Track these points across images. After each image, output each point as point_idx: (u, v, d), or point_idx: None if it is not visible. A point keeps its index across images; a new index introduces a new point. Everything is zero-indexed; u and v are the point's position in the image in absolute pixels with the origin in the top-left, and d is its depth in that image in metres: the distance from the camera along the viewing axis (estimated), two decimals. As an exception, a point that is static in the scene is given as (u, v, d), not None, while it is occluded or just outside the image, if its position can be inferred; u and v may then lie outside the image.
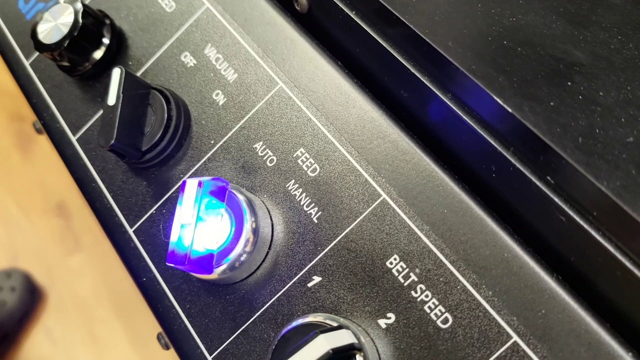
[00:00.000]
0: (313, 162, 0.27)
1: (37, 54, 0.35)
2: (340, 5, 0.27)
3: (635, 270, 0.20)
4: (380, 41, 0.26)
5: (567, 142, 0.20)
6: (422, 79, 0.24)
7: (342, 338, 0.22)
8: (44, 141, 1.28)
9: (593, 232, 0.20)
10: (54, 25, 0.31)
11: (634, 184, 0.20)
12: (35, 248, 1.22)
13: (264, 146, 0.28)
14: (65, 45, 0.30)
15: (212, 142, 0.29)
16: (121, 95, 0.28)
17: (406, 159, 0.25)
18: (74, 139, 0.32)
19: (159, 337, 0.32)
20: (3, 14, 0.37)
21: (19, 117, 1.31)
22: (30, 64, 0.35)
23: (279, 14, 0.29)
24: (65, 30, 0.31)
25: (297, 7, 0.29)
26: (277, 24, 0.29)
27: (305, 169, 0.27)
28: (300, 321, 0.23)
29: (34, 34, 0.31)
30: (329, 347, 0.21)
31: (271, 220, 0.27)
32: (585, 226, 0.21)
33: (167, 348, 0.32)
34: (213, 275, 0.25)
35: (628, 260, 0.20)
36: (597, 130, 0.21)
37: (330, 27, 0.28)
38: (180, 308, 0.27)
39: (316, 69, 0.28)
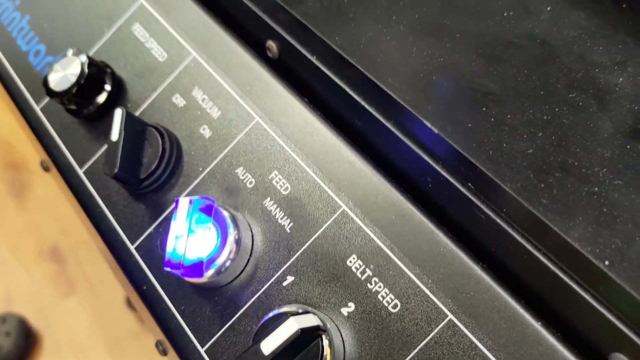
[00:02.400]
0: (285, 182, 0.32)
1: (46, 99, 0.40)
2: (304, 52, 0.33)
3: (536, 253, 0.25)
4: (336, 80, 0.31)
5: (481, 155, 0.26)
6: (369, 110, 0.30)
7: (309, 320, 0.26)
8: (37, 187, 1.32)
9: (505, 226, 0.26)
10: (63, 75, 0.36)
11: (532, 186, 0.25)
12: (30, 292, 1.25)
13: (244, 171, 0.33)
14: (74, 92, 0.36)
15: (201, 169, 0.34)
16: (123, 131, 0.33)
17: (361, 176, 0.30)
18: (80, 171, 0.37)
19: (157, 345, 0.37)
20: (15, 67, 0.43)
21: (12, 165, 1.36)
22: (41, 109, 0.40)
23: (254, 59, 0.35)
24: (73, 79, 0.36)
25: (269, 54, 0.35)
26: (253, 68, 0.35)
27: (279, 188, 0.32)
28: (275, 311, 0.28)
29: (45, 83, 0.37)
30: (298, 327, 0.26)
31: (251, 231, 0.32)
32: (499, 221, 0.26)
33: (165, 354, 0.37)
34: (203, 279, 0.30)
35: (531, 245, 0.25)
36: (504, 145, 0.26)
37: (297, 70, 0.34)
38: (176, 309, 0.32)
39: (286, 105, 0.33)
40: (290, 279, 0.30)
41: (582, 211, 0.24)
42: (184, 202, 0.30)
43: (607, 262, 0.23)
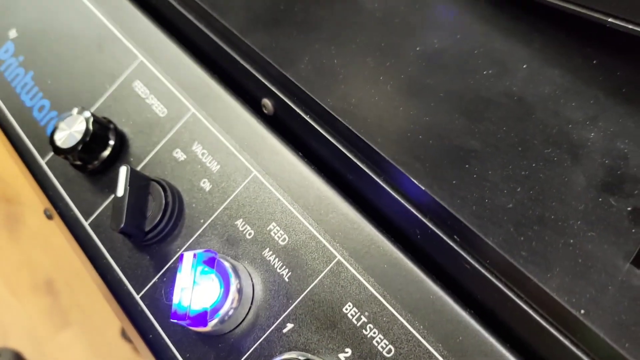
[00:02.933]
0: (283, 233, 0.34)
1: (51, 154, 0.42)
2: (297, 110, 0.35)
3: (519, 301, 0.27)
4: (328, 137, 0.33)
5: (465, 210, 0.28)
6: (361, 166, 0.32)
7: (309, 367, 0.28)
8: (30, 221, 1.33)
9: (489, 276, 0.28)
10: (69, 132, 0.38)
11: (512, 239, 0.27)
12: (25, 326, 1.25)
13: (244, 222, 0.35)
14: (79, 149, 0.38)
15: (202, 221, 0.36)
16: (128, 187, 0.35)
17: (354, 227, 0.32)
18: (86, 223, 0.39)
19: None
20: (20, 122, 0.45)
21: (5, 199, 1.37)
22: (46, 163, 0.42)
23: (252, 116, 0.37)
24: (79, 137, 0.38)
25: (265, 111, 0.37)
26: (250, 124, 0.37)
27: (277, 239, 0.34)
28: (277, 358, 0.30)
29: (52, 141, 0.38)
30: (298, 373, 0.27)
31: (252, 281, 0.33)
32: (483, 271, 0.28)
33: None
34: (207, 328, 0.32)
35: (513, 294, 0.27)
36: (486, 200, 0.28)
37: (292, 126, 0.36)
38: (181, 357, 0.33)
39: (282, 159, 0.35)
40: (289, 326, 0.32)
41: (559, 262, 0.26)
42: (188, 256, 0.32)
43: (582, 311, 0.25)
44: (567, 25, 0.36)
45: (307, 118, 0.34)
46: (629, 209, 0.28)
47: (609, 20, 0.32)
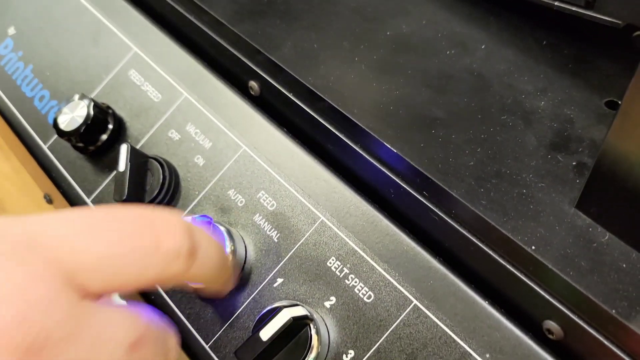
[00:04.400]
0: (271, 199, 0.37)
1: (53, 139, 0.45)
2: (282, 90, 0.38)
3: (481, 244, 0.31)
4: (310, 112, 0.37)
5: (432, 168, 0.32)
6: (340, 136, 0.36)
7: (299, 311, 0.32)
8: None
9: (454, 224, 0.32)
10: (72, 116, 0.42)
11: (473, 191, 0.31)
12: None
13: (235, 192, 0.39)
14: (82, 131, 0.41)
15: (197, 193, 0.40)
16: (129, 163, 0.38)
17: (335, 191, 0.36)
18: (88, 200, 0.42)
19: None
20: (22, 111, 0.48)
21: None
22: (48, 147, 0.45)
23: (239, 97, 0.41)
24: (81, 120, 0.41)
25: (251, 92, 0.41)
26: (238, 105, 0.41)
27: (266, 205, 0.37)
28: (270, 306, 0.34)
29: (56, 124, 0.42)
30: (290, 315, 0.31)
31: (244, 243, 0.37)
32: (449, 221, 0.32)
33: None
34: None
35: (476, 239, 0.31)
36: (450, 159, 0.32)
37: (276, 105, 0.40)
38: (181, 313, 0.37)
39: (269, 135, 0.39)
40: (280, 280, 0.36)
41: (514, 208, 0.30)
42: (186, 220, 0.35)
43: (533, 247, 0.29)
44: (520, 10, 0.40)
45: (290, 96, 0.38)
46: (573, 163, 0.32)
47: (555, 3, 0.36)
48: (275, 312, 0.32)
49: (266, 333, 0.31)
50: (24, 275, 0.22)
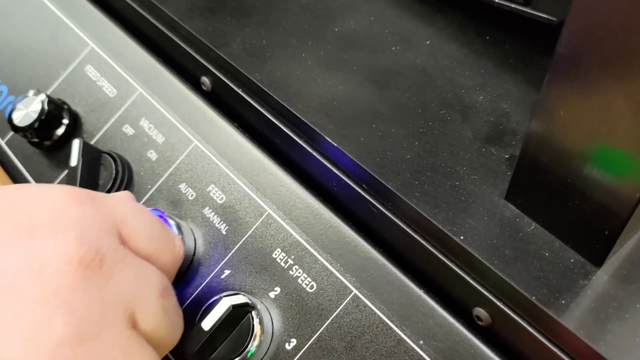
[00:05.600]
0: (220, 193, 0.38)
1: (10, 134, 0.46)
2: (232, 86, 0.39)
3: (415, 235, 0.32)
4: (258, 107, 0.38)
5: (370, 162, 0.33)
6: (285, 130, 0.37)
7: (239, 299, 0.33)
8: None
9: (391, 216, 0.33)
10: (26, 112, 0.42)
11: (408, 183, 0.32)
12: None
13: (186, 186, 0.39)
14: (36, 126, 0.42)
15: (149, 187, 0.40)
16: (80, 158, 0.39)
17: (282, 184, 0.37)
18: (44, 195, 0.43)
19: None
20: (-20, 107, 0.48)
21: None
22: (6, 143, 0.46)
23: (192, 92, 0.41)
24: (35, 116, 0.42)
25: (204, 88, 0.42)
26: (191, 100, 0.41)
27: (215, 198, 0.38)
28: (214, 297, 0.34)
29: (10, 120, 0.42)
30: (230, 304, 0.32)
31: (194, 235, 0.38)
32: (386, 212, 0.33)
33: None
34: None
35: (410, 230, 0.32)
36: (388, 153, 0.33)
37: (227, 100, 0.41)
38: (133, 305, 0.38)
39: (220, 130, 0.40)
40: (227, 272, 0.36)
41: (446, 200, 0.31)
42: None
43: (462, 237, 0.30)
44: (465, 7, 0.41)
45: (239, 92, 0.39)
46: (506, 156, 0.33)
47: (496, 1, 0.37)
48: (216, 301, 0.33)
49: (208, 322, 0.32)
50: (83, 213, 0.29)
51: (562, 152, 0.27)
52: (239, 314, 0.33)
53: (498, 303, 0.29)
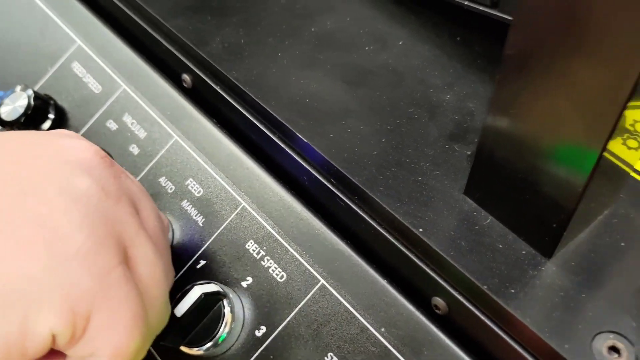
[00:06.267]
0: (198, 186, 0.40)
1: (-1, 128, 0.47)
2: (210, 83, 0.41)
3: (379, 228, 0.33)
4: (235, 104, 0.39)
5: (338, 157, 0.34)
6: (260, 127, 0.38)
7: (211, 287, 0.34)
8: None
9: (357, 209, 0.34)
10: (13, 107, 0.44)
11: (373, 178, 0.34)
12: None
13: (166, 179, 0.41)
14: (22, 121, 0.43)
15: (130, 180, 0.42)
16: (64, 151, 0.40)
17: (257, 178, 0.38)
18: (30, 187, 0.44)
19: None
20: (-29, 101, 0.50)
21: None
22: (-5, 137, 0.47)
23: (174, 89, 0.43)
24: (22, 110, 0.43)
25: (185, 85, 0.43)
26: (173, 96, 0.43)
27: (193, 191, 0.40)
28: (188, 287, 0.36)
29: (-2, 114, 0.44)
30: (202, 292, 0.33)
31: (172, 228, 0.39)
32: (352, 206, 0.34)
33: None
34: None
35: (375, 222, 0.33)
36: (356, 149, 0.35)
37: (207, 97, 0.42)
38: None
39: (199, 125, 0.41)
40: (202, 262, 0.38)
41: (408, 194, 0.33)
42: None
43: (421, 230, 0.31)
44: (438, 9, 0.42)
45: (217, 89, 0.40)
46: (468, 153, 0.35)
47: (465, 2, 0.39)
48: (189, 290, 0.34)
49: (180, 309, 0.33)
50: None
51: (513, 148, 0.28)
52: (211, 301, 0.34)
53: (454, 292, 0.31)
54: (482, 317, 0.30)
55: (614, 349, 0.27)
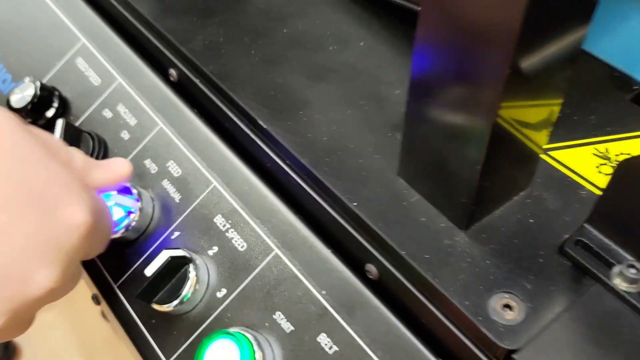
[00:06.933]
0: (177, 167, 0.45)
1: (11, 116, 0.53)
2: (192, 77, 0.46)
3: (323, 203, 0.38)
4: (211, 96, 0.45)
5: (292, 141, 0.39)
6: (230, 115, 0.43)
7: (178, 252, 0.39)
8: None
9: (305, 186, 0.39)
10: (22, 96, 0.50)
11: (321, 160, 0.38)
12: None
13: (150, 161, 0.46)
14: (29, 108, 0.49)
15: (120, 161, 0.47)
16: (62, 135, 0.46)
17: (229, 161, 0.43)
18: (35, 167, 0.50)
19: (93, 297, 0.49)
20: (-11, 92, 0.56)
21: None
22: (7, 123, 0.53)
23: (162, 82, 0.48)
24: (29, 99, 0.49)
25: (171, 79, 0.49)
26: (161, 89, 0.48)
27: (173, 172, 0.45)
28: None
29: (8, 102, 0.50)
30: (169, 255, 0.38)
31: (153, 203, 0.44)
32: (302, 184, 0.39)
33: (98, 303, 0.49)
34: (117, 235, 0.43)
35: (320, 198, 0.38)
36: (308, 135, 0.40)
37: (190, 89, 0.47)
38: (97, 258, 0.45)
39: (182, 115, 0.46)
40: (177, 233, 0.43)
41: (348, 174, 0.37)
42: (102, 181, 0.43)
43: (355, 204, 0.36)
44: (398, 12, 0.47)
45: (197, 82, 0.46)
46: (407, 140, 0.39)
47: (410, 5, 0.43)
48: (158, 253, 0.39)
49: (150, 270, 0.38)
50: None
51: (427, 134, 0.33)
52: (177, 264, 0.39)
53: (381, 259, 0.35)
54: (404, 280, 0.34)
55: (507, 306, 0.31)
